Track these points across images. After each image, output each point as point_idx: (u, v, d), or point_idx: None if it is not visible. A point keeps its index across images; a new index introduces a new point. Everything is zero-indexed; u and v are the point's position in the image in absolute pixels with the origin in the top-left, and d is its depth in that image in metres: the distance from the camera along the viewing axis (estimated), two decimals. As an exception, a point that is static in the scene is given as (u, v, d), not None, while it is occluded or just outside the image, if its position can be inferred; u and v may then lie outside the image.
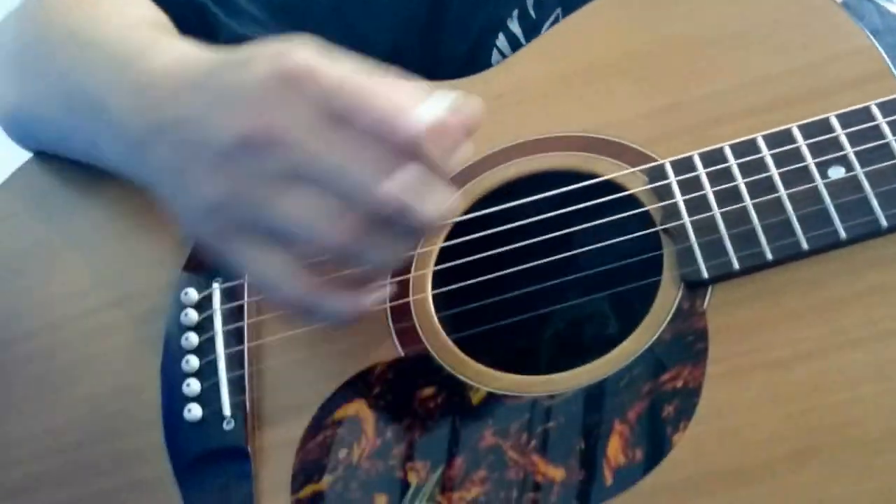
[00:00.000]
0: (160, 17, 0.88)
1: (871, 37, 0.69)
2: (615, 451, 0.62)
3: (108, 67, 0.75)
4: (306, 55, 0.62)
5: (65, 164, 0.87)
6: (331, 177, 0.61)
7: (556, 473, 0.62)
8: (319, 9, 0.91)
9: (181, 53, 0.71)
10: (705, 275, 0.64)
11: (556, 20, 0.87)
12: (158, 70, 0.70)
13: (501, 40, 0.89)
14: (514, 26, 0.89)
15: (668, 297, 0.65)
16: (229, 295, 0.76)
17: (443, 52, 0.91)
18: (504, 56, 0.88)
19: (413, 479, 0.65)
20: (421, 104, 0.61)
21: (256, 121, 0.61)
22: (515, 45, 0.88)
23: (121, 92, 0.72)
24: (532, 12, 0.89)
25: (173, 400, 0.73)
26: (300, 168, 0.61)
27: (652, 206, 0.68)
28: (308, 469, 0.68)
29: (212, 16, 0.90)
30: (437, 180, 0.62)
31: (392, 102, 0.61)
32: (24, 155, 0.93)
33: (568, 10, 0.81)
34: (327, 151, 0.60)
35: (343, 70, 0.62)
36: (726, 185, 0.66)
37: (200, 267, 0.77)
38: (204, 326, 0.75)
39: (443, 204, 0.62)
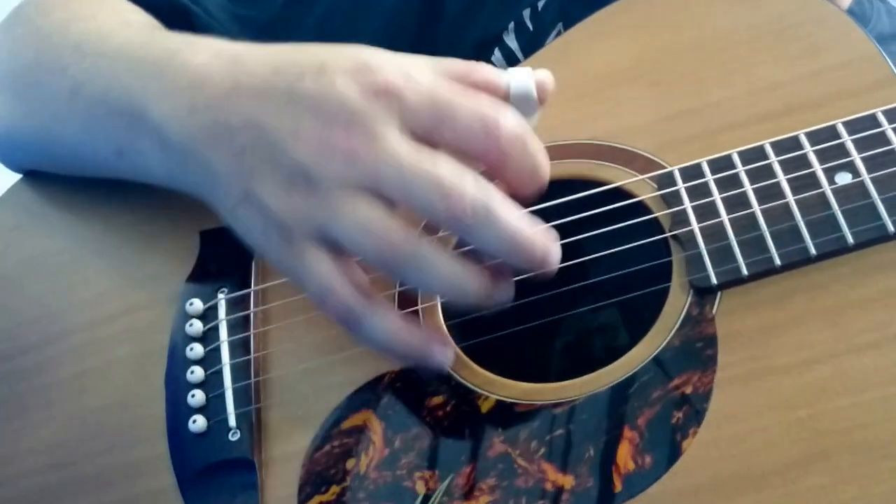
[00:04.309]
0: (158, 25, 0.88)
1: (878, 45, 0.69)
2: (624, 457, 0.61)
3: (140, 71, 0.73)
4: (395, 71, 0.62)
5: (64, 179, 0.87)
6: (402, 187, 0.60)
7: (566, 481, 0.62)
8: (306, 27, 0.91)
9: (224, 49, 0.69)
10: (714, 281, 0.64)
11: (559, 34, 0.87)
12: (202, 67, 0.68)
13: (497, 55, 0.89)
14: (511, 41, 0.89)
15: (678, 303, 0.65)
16: (235, 305, 0.75)
17: None
18: None
19: (422, 488, 0.65)
20: (506, 78, 0.64)
21: (345, 142, 0.61)
22: (512, 60, 0.88)
23: (162, 92, 0.70)
24: (529, 24, 0.89)
25: (178, 411, 0.73)
26: (375, 179, 0.61)
27: (661, 213, 0.69)
28: (315, 480, 0.67)
29: (196, 17, 0.90)
30: (510, 205, 0.62)
31: (482, 108, 0.62)
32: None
33: (568, 22, 0.82)
34: (403, 162, 0.60)
35: (428, 79, 0.62)
36: (734, 192, 0.67)
37: (205, 277, 0.77)
38: (209, 337, 0.75)
39: (519, 223, 0.62)
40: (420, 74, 0.62)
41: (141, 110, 0.71)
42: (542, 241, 0.62)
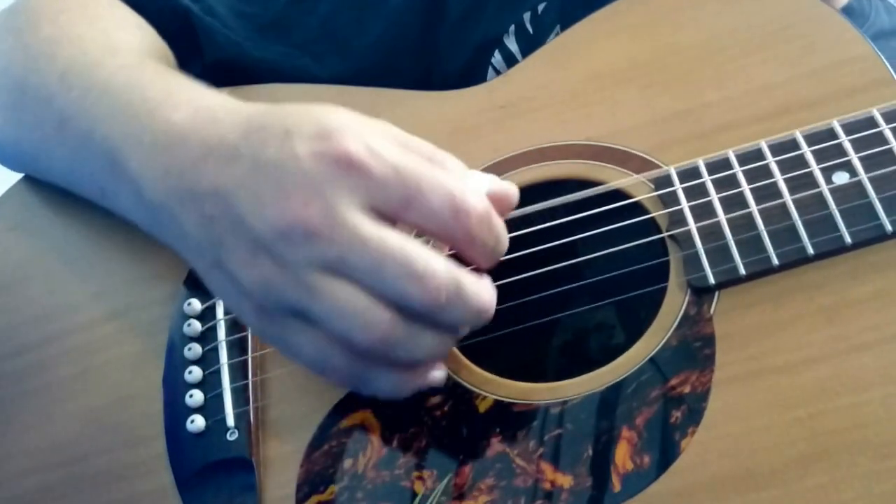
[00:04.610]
0: (150, 41, 0.87)
1: (873, 44, 0.70)
2: (623, 457, 0.62)
3: (120, 120, 0.72)
4: (356, 140, 0.60)
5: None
6: (374, 274, 0.59)
7: (564, 480, 0.62)
8: (311, 25, 0.91)
9: (202, 107, 0.68)
10: (712, 281, 0.64)
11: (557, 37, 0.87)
12: (179, 128, 0.67)
13: (497, 57, 0.90)
14: (511, 43, 0.89)
15: (675, 303, 0.65)
16: (233, 305, 0.75)
17: (437, 69, 0.91)
18: (500, 74, 0.88)
19: (420, 488, 0.65)
20: (471, 189, 0.61)
21: (301, 211, 0.59)
22: (512, 62, 0.89)
23: (139, 150, 0.69)
24: (530, 27, 0.89)
25: (176, 411, 0.73)
26: (343, 263, 0.59)
27: (658, 213, 0.69)
28: (313, 479, 0.67)
29: (197, 19, 0.90)
30: (481, 275, 0.62)
31: (450, 187, 0.60)
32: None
33: (567, 25, 0.82)
34: (372, 248, 0.59)
35: (393, 154, 0.60)
36: (732, 192, 0.67)
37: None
38: (207, 337, 0.75)
39: (487, 298, 0.62)
40: (385, 147, 0.60)
41: (121, 161, 0.71)
42: (493, 304, 0.63)
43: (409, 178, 0.60)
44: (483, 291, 0.62)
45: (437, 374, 0.67)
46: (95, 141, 0.74)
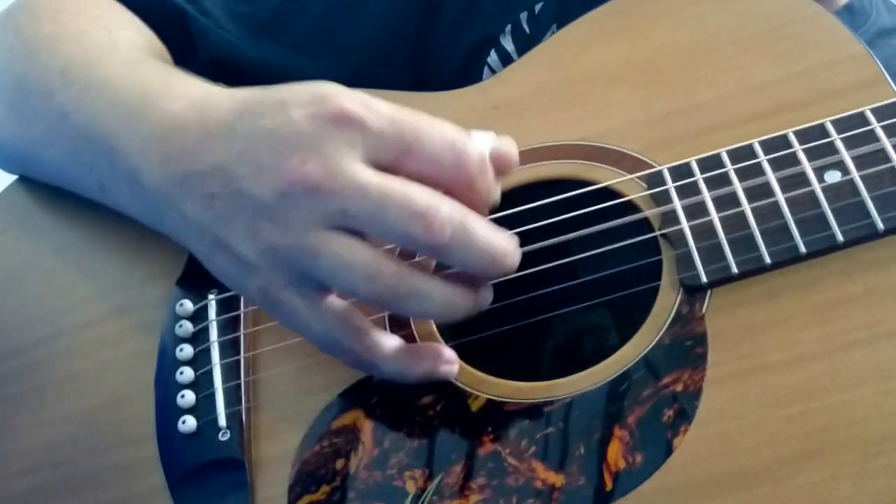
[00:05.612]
0: (149, 40, 0.87)
1: (875, 42, 0.70)
2: (615, 455, 0.61)
3: (119, 113, 0.73)
4: (351, 98, 0.61)
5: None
6: (377, 218, 0.59)
7: (556, 479, 0.62)
8: (304, 24, 0.91)
9: (198, 96, 0.69)
10: (704, 279, 0.64)
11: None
12: (177, 117, 0.68)
13: (493, 57, 0.90)
14: (508, 43, 0.89)
15: (667, 301, 0.65)
16: (225, 306, 0.75)
17: (432, 68, 0.92)
18: (495, 73, 0.88)
19: (412, 487, 0.65)
20: (472, 137, 0.62)
21: (299, 169, 0.59)
22: (508, 62, 0.89)
23: (138, 140, 0.70)
24: (526, 27, 0.89)
25: (167, 412, 0.73)
26: (345, 214, 0.59)
27: (650, 212, 0.69)
28: (305, 480, 0.67)
29: (191, 19, 0.90)
30: (483, 221, 0.62)
31: (449, 134, 0.61)
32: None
33: (563, 25, 0.82)
34: (372, 193, 0.59)
35: (390, 108, 0.61)
36: (724, 191, 0.67)
37: (195, 279, 0.77)
38: (199, 338, 0.75)
39: (501, 241, 0.62)
40: (380, 103, 0.61)
41: (120, 155, 0.71)
42: (512, 251, 0.63)
43: (407, 127, 0.60)
44: (497, 236, 0.62)
45: (447, 370, 0.67)
46: (94, 133, 0.74)
